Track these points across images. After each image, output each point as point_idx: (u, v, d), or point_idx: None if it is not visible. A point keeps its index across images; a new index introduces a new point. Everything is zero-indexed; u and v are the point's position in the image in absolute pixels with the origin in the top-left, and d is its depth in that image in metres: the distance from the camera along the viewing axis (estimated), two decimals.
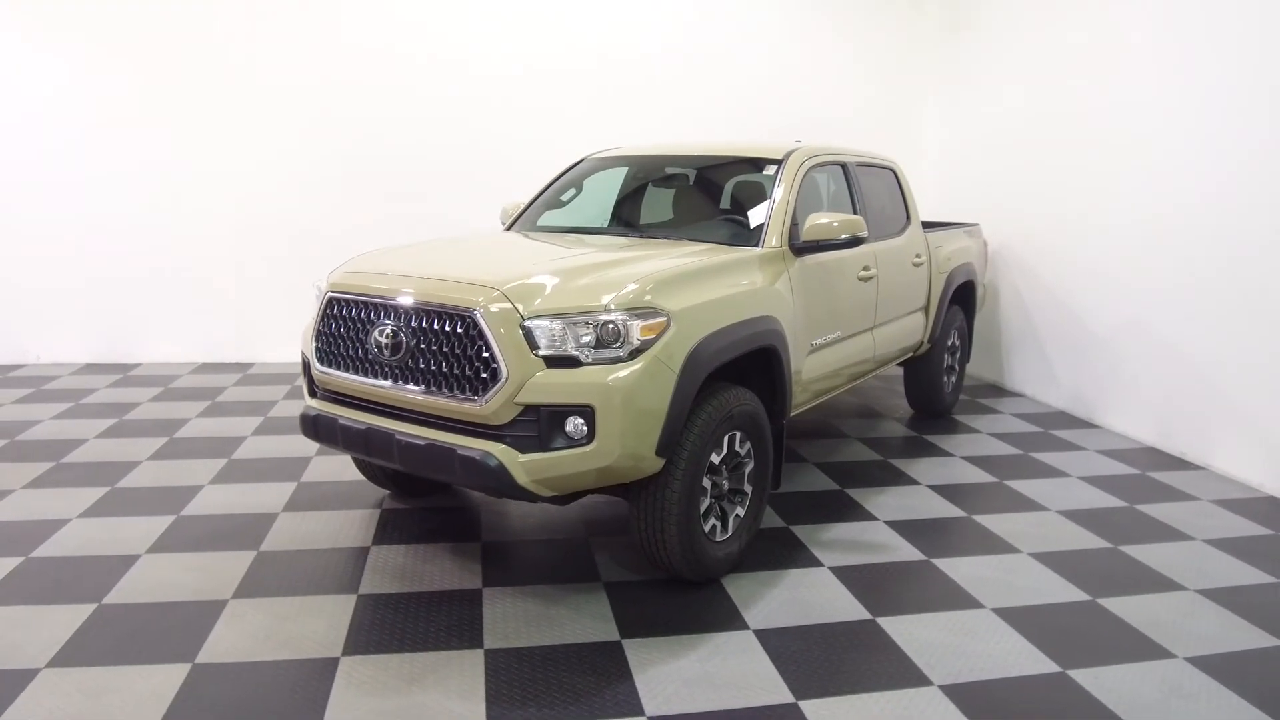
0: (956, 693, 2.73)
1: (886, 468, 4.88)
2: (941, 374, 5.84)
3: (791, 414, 4.12)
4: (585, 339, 2.97)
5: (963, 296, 6.06)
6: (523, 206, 4.85)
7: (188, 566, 3.49)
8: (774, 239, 3.91)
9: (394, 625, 3.08)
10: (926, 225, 6.20)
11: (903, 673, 2.83)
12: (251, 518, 3.99)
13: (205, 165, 6.92)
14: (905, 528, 4.03)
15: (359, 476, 4.41)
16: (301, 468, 4.66)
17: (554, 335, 2.96)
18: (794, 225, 4.00)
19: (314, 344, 3.48)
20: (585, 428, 2.92)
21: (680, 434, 3.10)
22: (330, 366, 3.40)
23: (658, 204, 4.74)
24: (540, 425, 2.93)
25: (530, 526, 3.98)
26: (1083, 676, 2.83)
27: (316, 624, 3.07)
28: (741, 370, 3.70)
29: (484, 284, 3.05)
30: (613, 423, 2.90)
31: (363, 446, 3.27)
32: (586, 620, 3.14)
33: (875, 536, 3.92)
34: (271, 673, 2.77)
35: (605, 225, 4.62)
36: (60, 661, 2.80)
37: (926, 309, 5.51)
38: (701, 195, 4.68)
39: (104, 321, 7.01)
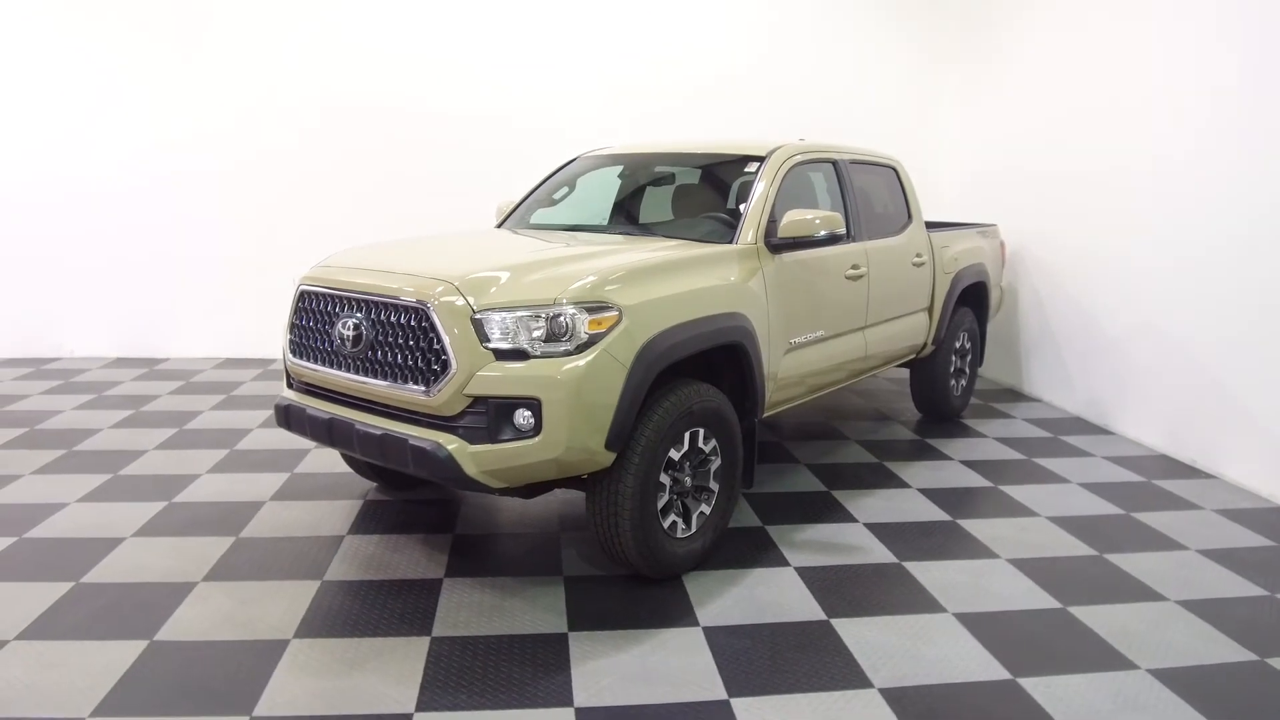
0: (895, 696, 2.67)
1: (879, 470, 4.79)
2: (948, 377, 5.70)
3: (772, 412, 4.09)
4: (536, 332, 2.99)
5: (973, 297, 5.90)
6: (515, 203, 4.90)
7: (167, 550, 3.61)
8: (750, 235, 3.87)
9: (349, 611, 3.14)
10: (938, 225, 6.08)
11: (844, 674, 2.78)
12: (239, 505, 4.11)
13: (230, 167, 7.16)
14: (883, 530, 3.95)
15: (349, 469, 4.51)
16: (298, 459, 4.78)
17: (505, 328, 2.99)
18: (772, 222, 3.95)
19: (288, 336, 3.58)
20: (532, 420, 2.94)
21: (632, 428, 3.10)
22: (301, 358, 3.50)
23: (646, 201, 4.74)
24: (489, 417, 2.96)
25: (505, 520, 4.02)
26: (1033, 685, 2.74)
27: (275, 607, 3.15)
28: (714, 367, 3.69)
29: (439, 277, 3.10)
30: (559, 415, 2.92)
31: (326, 436, 3.35)
32: (538, 612, 3.15)
33: (850, 538, 3.85)
34: (222, 652, 2.86)
35: (594, 222, 4.63)
36: (29, 635, 2.93)
37: (930, 310, 5.39)
38: (688, 193, 4.66)
39: (135, 317, 7.30)
